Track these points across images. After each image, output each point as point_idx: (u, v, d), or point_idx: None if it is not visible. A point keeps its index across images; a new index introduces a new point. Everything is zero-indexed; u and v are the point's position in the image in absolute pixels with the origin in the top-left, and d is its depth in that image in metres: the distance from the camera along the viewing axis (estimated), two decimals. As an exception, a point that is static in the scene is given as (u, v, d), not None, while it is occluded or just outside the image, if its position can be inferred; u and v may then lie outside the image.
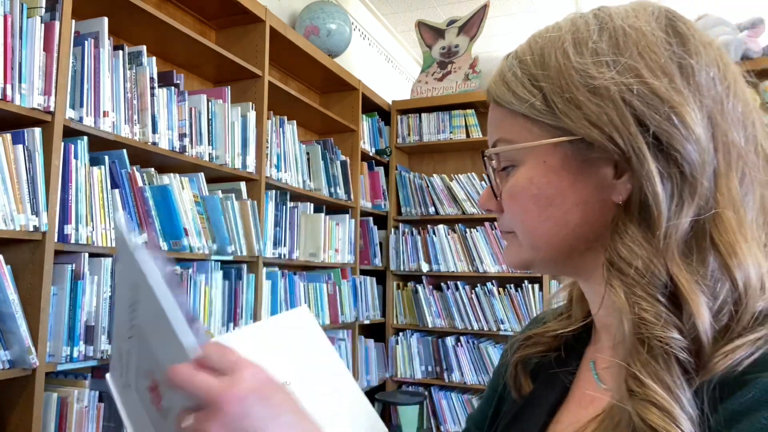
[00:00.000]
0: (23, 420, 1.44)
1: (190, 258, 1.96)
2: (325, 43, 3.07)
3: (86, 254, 1.60)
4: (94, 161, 1.65)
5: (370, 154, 3.50)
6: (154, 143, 1.83)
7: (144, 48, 1.85)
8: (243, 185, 2.31)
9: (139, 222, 1.75)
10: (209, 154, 2.10)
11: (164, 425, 0.45)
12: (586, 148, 0.47)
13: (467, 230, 3.40)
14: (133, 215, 1.73)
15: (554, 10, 4.15)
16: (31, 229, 1.43)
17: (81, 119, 1.59)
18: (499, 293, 3.30)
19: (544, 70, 0.49)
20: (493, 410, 0.66)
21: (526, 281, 3.26)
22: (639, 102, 0.44)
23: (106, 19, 1.69)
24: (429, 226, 3.52)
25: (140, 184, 1.77)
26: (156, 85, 1.85)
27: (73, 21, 1.57)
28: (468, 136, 3.48)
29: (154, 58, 1.88)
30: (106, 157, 1.69)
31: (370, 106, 3.54)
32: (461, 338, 3.35)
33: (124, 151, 1.74)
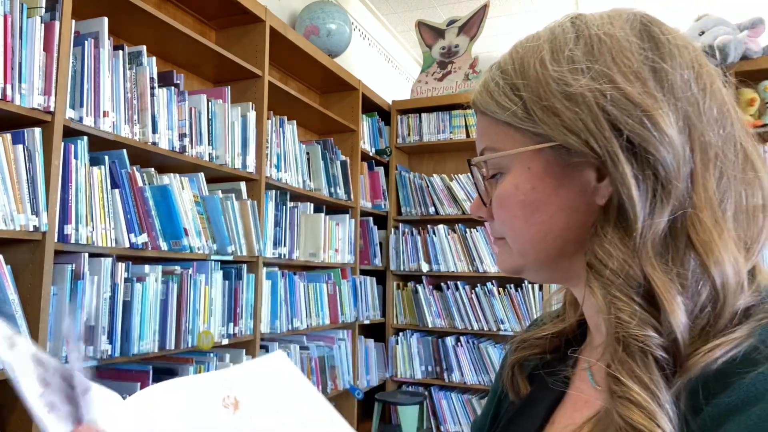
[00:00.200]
0: (23, 420, 1.44)
1: (190, 258, 1.97)
2: (325, 43, 3.07)
3: (86, 254, 1.60)
4: (94, 161, 1.65)
5: (370, 154, 3.50)
6: (154, 143, 1.83)
7: (144, 48, 1.85)
8: (243, 185, 2.31)
9: (139, 222, 1.75)
10: (209, 154, 2.10)
11: None
12: (566, 153, 0.48)
13: (467, 230, 3.40)
14: (133, 215, 1.73)
15: (554, 10, 4.15)
16: (31, 229, 1.44)
17: (81, 119, 1.60)
18: (499, 293, 3.30)
19: (524, 79, 0.50)
20: (493, 413, 0.66)
21: (526, 281, 3.25)
22: (612, 107, 0.45)
23: (106, 19, 1.69)
24: (429, 226, 3.52)
25: (140, 184, 1.77)
26: (156, 85, 1.85)
27: (73, 21, 1.57)
28: (468, 136, 3.48)
29: (154, 58, 1.88)
30: (106, 157, 1.69)
31: (370, 106, 3.54)
32: (461, 338, 3.35)
33: (124, 151, 1.74)
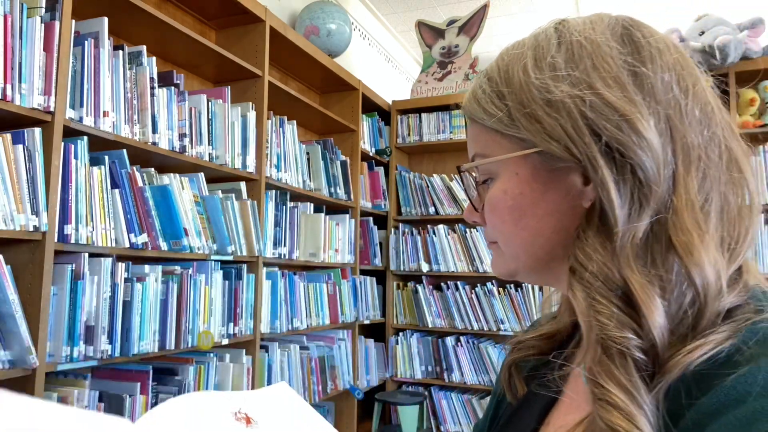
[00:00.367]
0: (23, 420, 1.44)
1: (190, 258, 1.97)
2: (325, 43, 3.07)
3: (86, 254, 1.60)
4: (94, 161, 1.65)
5: (370, 154, 3.50)
6: (154, 143, 1.83)
7: (144, 48, 1.85)
8: (243, 185, 2.31)
9: (139, 222, 1.75)
10: (209, 154, 2.10)
11: None
12: (552, 158, 0.49)
13: (467, 230, 3.40)
14: (133, 215, 1.73)
15: (554, 9, 4.15)
16: (31, 229, 1.44)
17: (81, 119, 1.60)
18: (499, 293, 3.30)
19: (508, 87, 0.50)
20: (492, 414, 0.67)
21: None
22: (591, 112, 0.46)
23: (106, 19, 1.69)
24: (429, 226, 3.52)
25: (140, 184, 1.77)
26: (156, 85, 1.85)
27: (73, 21, 1.57)
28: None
29: (154, 58, 1.88)
30: (106, 157, 1.69)
31: (370, 106, 3.54)
32: (461, 338, 3.35)
33: (124, 151, 1.74)
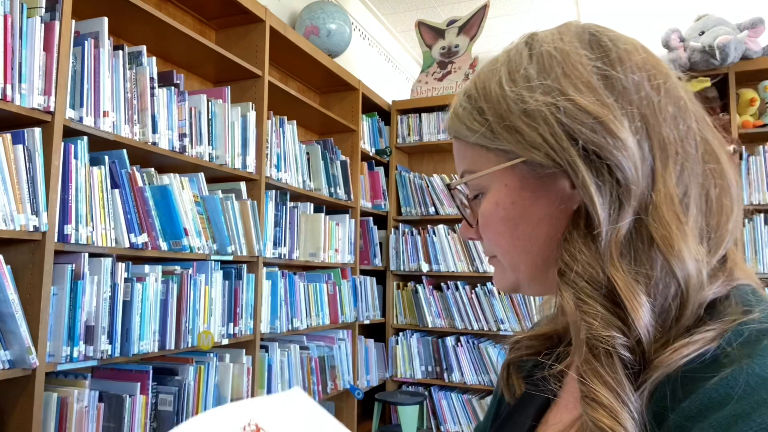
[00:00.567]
0: (23, 420, 1.44)
1: (190, 258, 1.97)
2: (325, 43, 3.07)
3: (86, 254, 1.60)
4: (94, 161, 1.65)
5: (370, 154, 3.50)
6: (154, 143, 1.83)
7: (144, 48, 1.84)
8: (243, 185, 2.31)
9: (139, 222, 1.75)
10: (209, 154, 2.10)
11: None
12: (537, 166, 0.50)
13: (467, 230, 3.39)
14: (133, 215, 1.73)
15: (554, 9, 4.15)
16: (31, 229, 1.43)
17: (81, 119, 1.60)
18: (499, 293, 3.30)
19: (487, 102, 0.52)
20: (493, 414, 0.67)
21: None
22: (566, 119, 0.47)
23: (106, 19, 1.69)
24: (429, 226, 3.52)
25: (140, 184, 1.77)
26: (156, 85, 1.85)
27: (73, 21, 1.57)
28: (468, 136, 3.47)
29: (154, 58, 1.88)
30: (106, 157, 1.69)
31: (370, 106, 3.54)
32: (461, 338, 3.35)
33: (124, 151, 1.74)
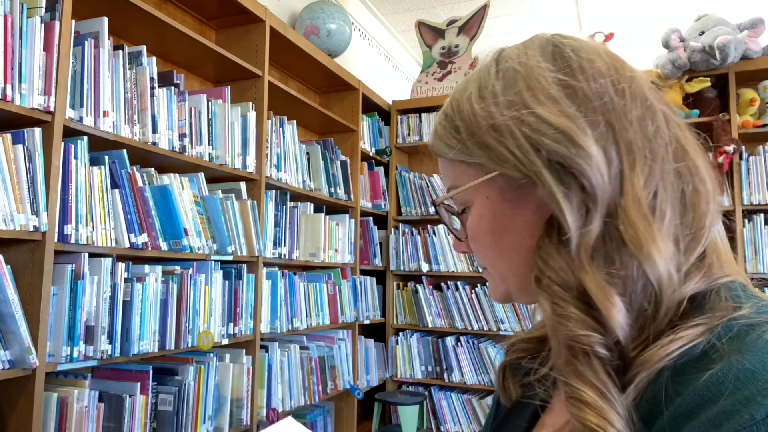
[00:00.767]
0: (23, 420, 1.44)
1: (190, 258, 1.97)
2: (325, 43, 3.07)
3: (86, 254, 1.60)
4: (94, 161, 1.65)
5: (370, 154, 3.50)
6: (154, 143, 1.83)
7: (144, 48, 1.84)
8: (243, 185, 2.31)
9: (139, 222, 1.75)
10: (209, 154, 2.10)
11: None
12: (512, 178, 0.50)
13: (467, 230, 3.39)
14: (133, 215, 1.73)
15: (554, 9, 4.15)
16: (31, 229, 1.43)
17: (81, 119, 1.60)
18: (499, 293, 3.29)
19: (461, 120, 0.53)
20: (492, 417, 0.67)
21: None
22: (530, 131, 0.48)
23: (106, 19, 1.69)
24: (429, 226, 3.52)
25: (140, 184, 1.77)
26: (156, 85, 1.85)
27: (73, 21, 1.57)
28: (468, 136, 3.47)
29: (154, 58, 1.88)
30: (106, 157, 1.69)
31: (370, 106, 3.54)
32: (461, 338, 3.35)
33: (124, 151, 1.74)
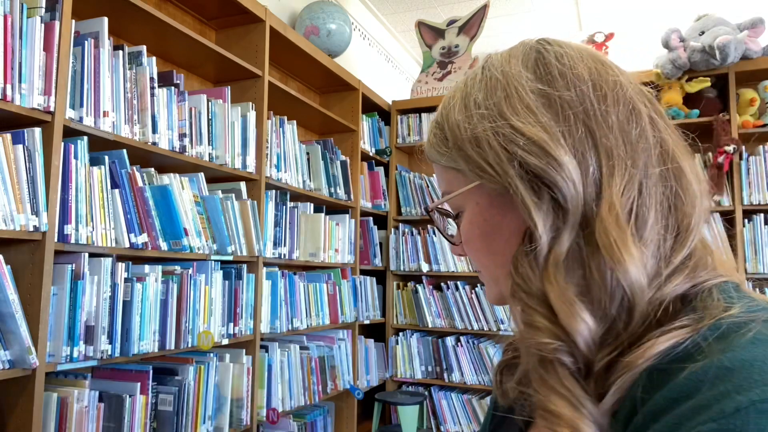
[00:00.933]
0: (23, 420, 1.44)
1: (190, 258, 1.97)
2: (325, 43, 3.07)
3: (86, 254, 1.60)
4: (94, 161, 1.65)
5: (370, 154, 3.50)
6: (154, 143, 1.83)
7: (144, 48, 1.84)
8: (243, 185, 2.31)
9: (139, 222, 1.75)
10: (209, 154, 2.10)
11: None
12: (491, 187, 0.51)
13: (467, 230, 3.39)
14: (133, 215, 1.73)
15: (554, 9, 4.15)
16: (31, 229, 1.43)
17: (81, 119, 1.60)
18: (499, 293, 3.29)
19: (449, 129, 0.54)
20: (490, 418, 0.67)
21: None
22: (505, 142, 0.48)
23: (106, 19, 1.69)
24: (429, 226, 3.52)
25: (140, 184, 1.77)
26: (156, 85, 1.85)
27: (73, 21, 1.57)
28: (468, 136, 3.47)
29: (154, 58, 1.88)
30: (106, 157, 1.69)
31: (370, 106, 3.54)
32: (461, 338, 3.35)
33: (124, 151, 1.74)
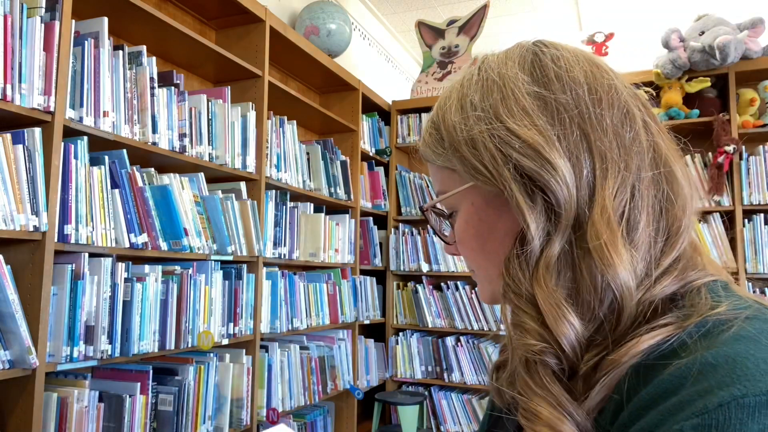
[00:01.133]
0: (23, 420, 1.44)
1: (190, 258, 1.97)
2: (325, 43, 3.07)
3: (86, 254, 1.60)
4: (94, 161, 1.65)
5: (370, 154, 3.49)
6: (154, 143, 1.83)
7: (144, 48, 1.84)
8: (243, 185, 2.31)
9: (139, 222, 1.75)
10: (209, 154, 2.10)
11: None
12: (486, 188, 0.51)
13: (467, 230, 3.39)
14: (133, 215, 1.73)
15: (554, 9, 4.15)
16: (31, 229, 1.43)
17: (81, 119, 1.59)
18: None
19: (445, 129, 0.54)
20: (487, 418, 0.67)
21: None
22: (501, 144, 0.49)
23: (106, 19, 1.69)
24: (429, 226, 3.51)
25: (140, 184, 1.77)
26: (156, 85, 1.85)
27: (73, 21, 1.57)
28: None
29: (154, 58, 1.88)
30: (106, 157, 1.69)
31: (370, 106, 3.54)
32: (461, 338, 3.35)
33: (124, 151, 1.74)
